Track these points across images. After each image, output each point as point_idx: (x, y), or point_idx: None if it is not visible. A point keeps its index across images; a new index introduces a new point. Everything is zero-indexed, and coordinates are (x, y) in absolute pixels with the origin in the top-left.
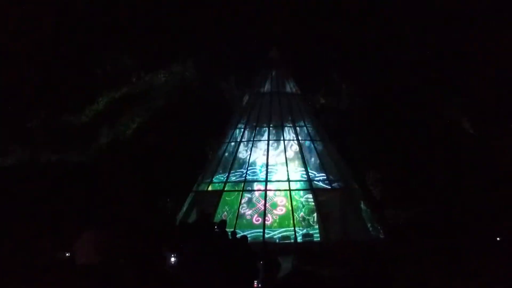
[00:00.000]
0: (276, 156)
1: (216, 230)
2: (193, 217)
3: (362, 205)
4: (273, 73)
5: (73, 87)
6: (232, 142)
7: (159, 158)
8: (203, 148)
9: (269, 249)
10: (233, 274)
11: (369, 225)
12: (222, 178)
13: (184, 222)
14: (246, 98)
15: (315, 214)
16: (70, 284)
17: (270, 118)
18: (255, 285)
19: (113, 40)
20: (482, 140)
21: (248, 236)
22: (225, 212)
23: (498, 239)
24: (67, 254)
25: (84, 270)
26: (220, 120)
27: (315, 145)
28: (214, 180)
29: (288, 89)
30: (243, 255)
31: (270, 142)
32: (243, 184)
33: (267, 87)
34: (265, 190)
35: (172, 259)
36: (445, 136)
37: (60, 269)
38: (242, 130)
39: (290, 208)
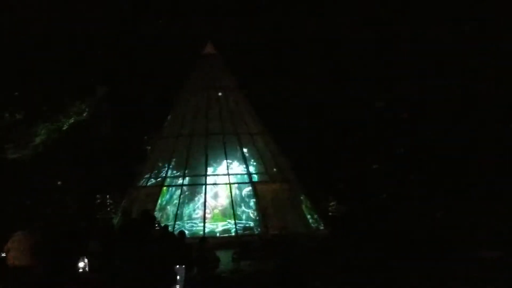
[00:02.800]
0: (216, 149)
1: (157, 228)
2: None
3: (302, 198)
4: (210, 68)
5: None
6: (171, 137)
7: (97, 155)
8: (142, 143)
9: (207, 244)
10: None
11: (309, 217)
12: (162, 173)
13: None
14: (184, 93)
15: (255, 207)
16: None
17: (207, 113)
18: None
19: None
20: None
21: (188, 230)
22: (168, 207)
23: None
24: (2, 255)
25: (15, 272)
26: (158, 114)
27: (254, 138)
28: (154, 175)
29: (225, 83)
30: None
31: (209, 136)
32: (182, 178)
33: (204, 81)
34: (205, 184)
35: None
36: (383, 130)
37: None
38: (181, 124)
39: (230, 201)
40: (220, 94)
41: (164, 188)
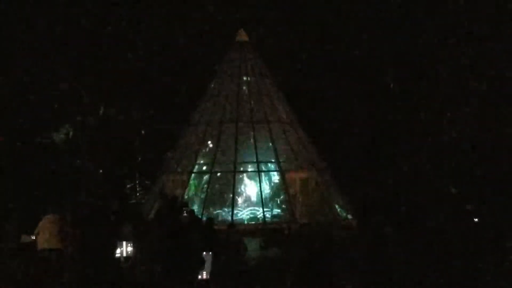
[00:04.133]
0: (245, 137)
1: (185, 214)
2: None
3: (331, 187)
4: (241, 55)
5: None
6: (201, 124)
7: (127, 141)
8: (172, 131)
9: (235, 231)
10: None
11: (337, 206)
12: (191, 160)
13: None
14: (215, 80)
15: (283, 195)
16: (33, 269)
17: (238, 100)
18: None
19: None
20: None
21: (216, 217)
22: (196, 194)
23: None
24: (32, 238)
25: (45, 255)
26: (189, 101)
27: (285, 126)
28: (183, 161)
29: (256, 70)
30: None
31: (239, 124)
32: (212, 165)
33: (235, 68)
34: (234, 171)
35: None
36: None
37: (24, 253)
38: (211, 111)
39: (259, 189)
40: (250, 81)
41: (193, 174)
